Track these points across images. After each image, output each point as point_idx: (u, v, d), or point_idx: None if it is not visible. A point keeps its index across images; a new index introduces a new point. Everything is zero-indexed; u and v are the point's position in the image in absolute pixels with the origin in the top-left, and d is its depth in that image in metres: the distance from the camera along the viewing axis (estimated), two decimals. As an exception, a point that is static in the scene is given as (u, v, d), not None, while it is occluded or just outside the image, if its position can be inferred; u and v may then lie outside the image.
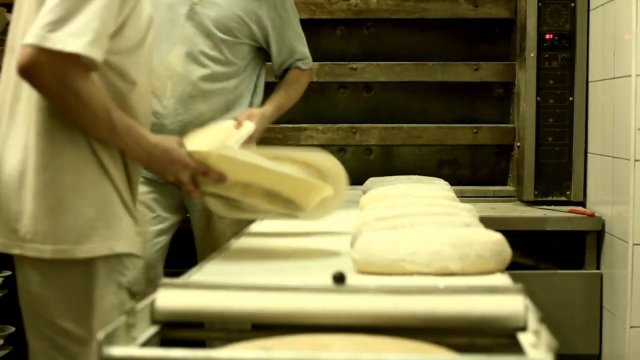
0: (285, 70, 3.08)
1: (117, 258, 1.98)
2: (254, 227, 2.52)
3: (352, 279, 1.57)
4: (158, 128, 2.75)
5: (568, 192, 3.47)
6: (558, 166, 3.48)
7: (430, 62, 3.82)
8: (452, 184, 3.11)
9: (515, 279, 1.66)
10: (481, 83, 3.86)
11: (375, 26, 3.94)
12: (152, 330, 1.45)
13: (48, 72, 1.83)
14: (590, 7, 3.42)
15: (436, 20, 3.85)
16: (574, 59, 3.46)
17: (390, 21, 3.88)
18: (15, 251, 1.96)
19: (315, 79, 3.78)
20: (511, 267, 1.78)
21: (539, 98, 3.49)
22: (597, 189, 3.34)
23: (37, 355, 2.02)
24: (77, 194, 1.93)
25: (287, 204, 2.07)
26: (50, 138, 1.93)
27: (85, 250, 1.93)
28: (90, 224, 1.93)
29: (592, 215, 3.24)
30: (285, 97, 3.03)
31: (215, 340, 1.63)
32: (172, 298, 1.49)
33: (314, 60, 3.84)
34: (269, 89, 3.07)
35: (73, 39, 1.81)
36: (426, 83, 3.86)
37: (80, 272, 1.95)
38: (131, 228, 2.02)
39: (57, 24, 1.81)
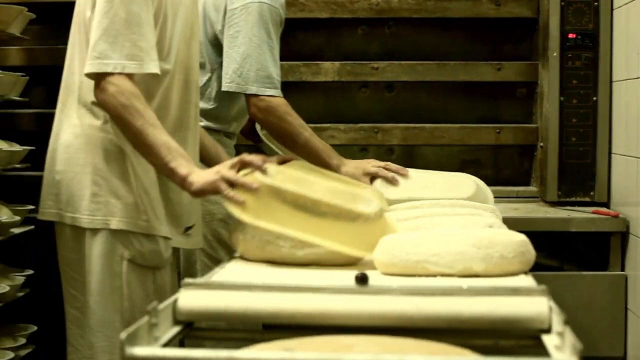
0: None
1: (116, 232, 2.15)
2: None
3: (374, 280, 1.56)
4: None
5: (592, 193, 3.45)
6: (582, 166, 3.46)
7: (453, 62, 3.81)
8: (474, 184, 3.09)
9: (539, 280, 1.65)
10: (504, 83, 3.83)
11: (396, 25, 3.93)
12: (175, 330, 1.45)
13: None
14: (614, 6, 3.39)
15: (458, 19, 3.83)
16: (598, 58, 3.43)
17: (411, 20, 3.86)
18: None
19: (336, 79, 3.78)
20: (535, 269, 1.77)
21: (562, 98, 3.47)
22: (621, 190, 3.31)
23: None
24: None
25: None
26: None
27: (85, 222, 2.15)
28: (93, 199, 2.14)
29: (616, 216, 3.21)
30: None
31: (231, 341, 1.63)
32: (194, 298, 1.49)
33: (336, 59, 3.84)
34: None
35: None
36: (448, 83, 3.84)
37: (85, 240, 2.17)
38: (133, 207, 2.16)
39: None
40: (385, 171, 2.70)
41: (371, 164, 2.75)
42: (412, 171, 2.73)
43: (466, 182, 2.66)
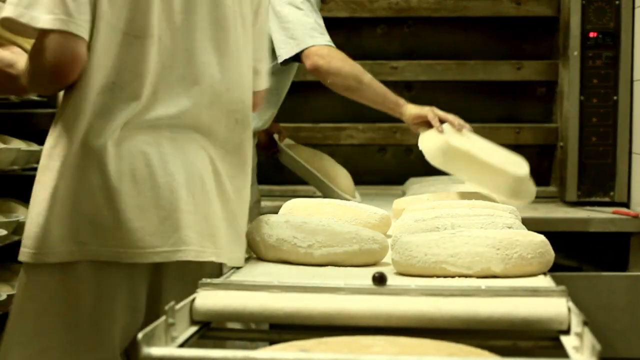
0: None
1: None
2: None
3: (392, 280, 1.56)
4: None
5: (612, 193, 3.43)
6: (602, 166, 3.44)
7: (472, 61, 3.80)
8: (493, 184, 3.07)
9: (558, 281, 1.64)
10: (523, 82, 3.82)
11: (416, 25, 3.92)
12: (192, 330, 1.45)
13: None
14: (636, 5, 3.37)
15: (477, 18, 3.82)
16: (619, 57, 3.41)
17: (431, 20, 3.86)
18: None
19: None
20: (554, 269, 1.76)
21: (582, 97, 3.45)
22: (641, 190, 3.30)
23: None
24: None
25: None
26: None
27: None
28: None
29: (636, 217, 3.19)
30: None
31: (247, 341, 1.63)
32: (211, 298, 1.49)
33: (355, 59, 3.83)
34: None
35: None
36: (467, 82, 3.83)
37: None
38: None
39: None
40: (451, 118, 2.70)
41: (433, 111, 2.74)
42: (475, 136, 2.78)
43: (522, 163, 2.70)
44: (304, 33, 2.75)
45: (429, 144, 2.68)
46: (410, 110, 2.78)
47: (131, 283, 1.76)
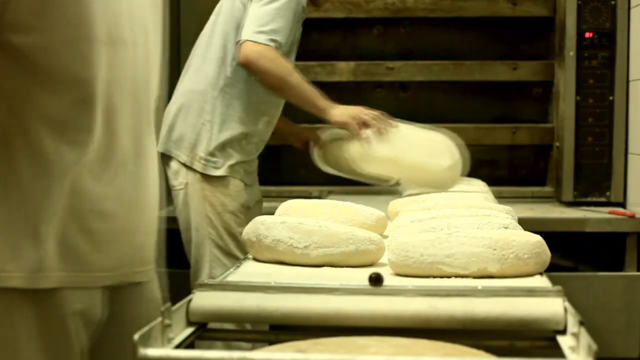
0: None
1: None
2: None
3: (388, 281, 1.56)
4: None
5: (608, 193, 3.43)
6: (598, 166, 3.44)
7: (468, 61, 3.80)
8: (490, 184, 3.09)
9: (554, 281, 1.64)
10: (519, 82, 3.82)
11: (412, 25, 3.92)
12: (188, 331, 1.45)
13: None
14: (631, 5, 3.37)
15: (474, 18, 3.83)
16: (615, 57, 3.42)
17: (427, 20, 3.86)
18: None
19: (351, 79, 3.78)
20: (550, 269, 1.76)
21: (578, 97, 3.45)
22: (637, 190, 3.30)
23: None
24: None
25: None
26: None
27: None
28: None
29: (632, 217, 3.20)
30: None
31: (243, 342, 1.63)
32: (208, 299, 1.49)
33: (351, 59, 3.83)
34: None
35: None
36: (463, 82, 3.83)
37: None
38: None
39: None
40: (375, 122, 2.73)
41: (363, 112, 2.78)
42: (402, 127, 2.78)
43: (446, 153, 2.79)
44: (249, 27, 2.78)
45: (354, 154, 2.82)
46: (334, 118, 2.81)
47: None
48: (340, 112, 2.83)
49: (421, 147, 2.78)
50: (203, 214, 2.89)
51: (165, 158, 2.94)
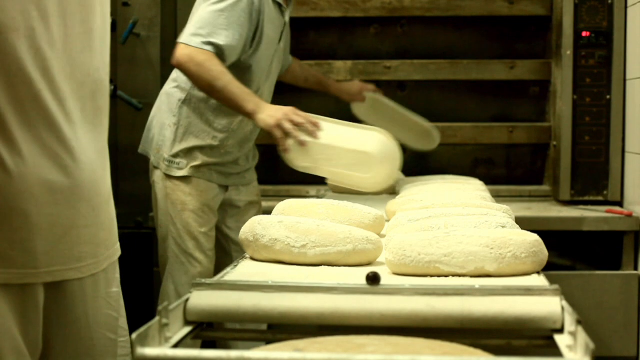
0: None
1: None
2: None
3: (386, 280, 1.56)
4: None
5: (605, 192, 3.43)
6: (595, 165, 3.44)
7: (465, 60, 3.80)
8: (487, 183, 3.08)
9: (551, 280, 1.64)
10: (517, 81, 3.82)
11: (409, 24, 3.92)
12: (186, 330, 1.45)
13: None
14: (628, 4, 3.37)
15: (471, 18, 3.83)
16: (612, 56, 3.42)
17: (424, 19, 3.86)
18: None
19: (349, 78, 3.77)
20: (547, 268, 1.76)
21: (575, 96, 3.45)
22: (635, 189, 3.30)
23: None
24: None
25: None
26: None
27: None
28: None
29: (629, 216, 3.20)
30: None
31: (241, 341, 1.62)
32: (205, 298, 1.49)
33: (348, 59, 3.84)
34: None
35: None
36: (461, 81, 3.83)
37: None
38: None
39: None
40: (296, 133, 2.71)
41: (289, 117, 2.74)
42: (328, 132, 2.78)
43: (369, 160, 2.75)
44: (187, 29, 2.79)
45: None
46: (260, 123, 2.77)
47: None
48: (266, 116, 2.75)
49: (341, 158, 2.75)
50: (165, 211, 2.94)
51: (145, 157, 3.04)
